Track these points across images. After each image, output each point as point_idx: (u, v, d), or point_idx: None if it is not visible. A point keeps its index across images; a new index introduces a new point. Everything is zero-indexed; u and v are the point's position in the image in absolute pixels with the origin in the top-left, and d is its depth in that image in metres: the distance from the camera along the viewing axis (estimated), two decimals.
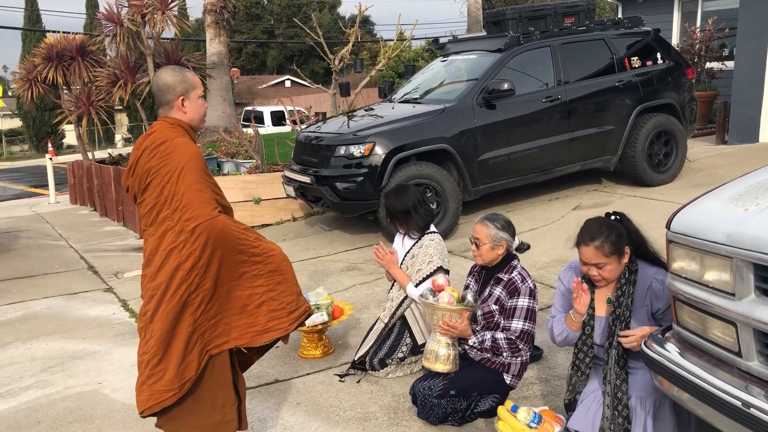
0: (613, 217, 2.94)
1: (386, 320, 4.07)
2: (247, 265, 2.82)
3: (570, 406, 3.06)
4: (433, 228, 4.06)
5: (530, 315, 3.34)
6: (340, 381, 4.03)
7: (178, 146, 2.76)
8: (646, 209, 6.88)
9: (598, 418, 2.84)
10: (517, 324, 3.31)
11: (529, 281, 3.39)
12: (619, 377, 2.82)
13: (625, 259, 2.86)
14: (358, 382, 3.99)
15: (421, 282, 3.86)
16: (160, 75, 2.89)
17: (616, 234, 2.84)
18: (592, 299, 2.95)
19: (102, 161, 11.93)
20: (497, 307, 3.38)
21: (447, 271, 3.91)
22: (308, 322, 4.26)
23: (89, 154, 12.94)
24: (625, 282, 2.87)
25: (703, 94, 11.19)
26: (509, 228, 3.46)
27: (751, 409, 2.01)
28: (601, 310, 2.96)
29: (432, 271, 3.86)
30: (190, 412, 2.80)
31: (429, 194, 6.65)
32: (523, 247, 3.58)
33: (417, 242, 4.02)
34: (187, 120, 2.89)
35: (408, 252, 4.03)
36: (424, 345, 3.92)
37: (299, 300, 2.96)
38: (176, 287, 2.69)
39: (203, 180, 2.76)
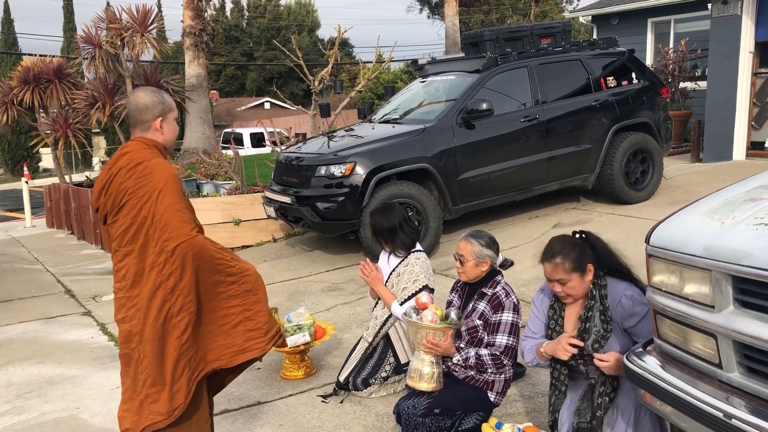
0: (577, 236, 2.97)
1: (370, 339, 4.05)
2: (223, 285, 2.83)
3: (554, 427, 3.06)
4: (418, 246, 4.07)
5: (514, 330, 3.35)
6: (323, 402, 3.99)
7: (157, 167, 2.77)
8: (624, 227, 6.95)
9: None
10: (502, 339, 3.31)
11: (513, 296, 3.40)
12: (604, 386, 2.82)
13: (589, 277, 2.88)
14: (341, 402, 3.96)
15: (406, 300, 3.86)
16: (138, 95, 2.90)
17: (577, 251, 2.87)
18: (562, 317, 2.98)
19: (79, 184, 11.82)
20: (481, 322, 3.38)
21: (432, 290, 3.91)
22: (290, 343, 4.24)
23: (66, 177, 12.82)
24: (591, 299, 2.89)
25: (678, 113, 11.40)
26: (493, 245, 3.48)
27: (733, 420, 2.02)
28: (572, 327, 2.97)
29: (418, 289, 3.86)
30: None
31: (410, 213, 6.67)
32: (507, 264, 3.60)
33: (403, 260, 4.02)
34: (162, 141, 2.91)
35: (394, 270, 4.03)
36: (407, 364, 3.91)
37: (272, 320, 2.99)
38: (159, 306, 2.70)
39: (182, 200, 2.78)
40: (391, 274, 4.04)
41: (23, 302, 6.93)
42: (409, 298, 3.86)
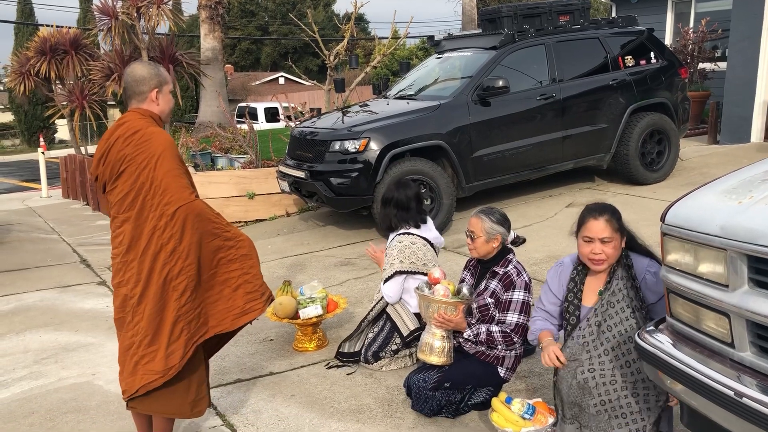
0: None
1: (369, 309, 4.18)
2: (222, 251, 2.96)
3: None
4: (408, 229, 4.09)
5: (525, 308, 3.36)
6: (326, 368, 4.09)
7: (154, 134, 2.88)
8: (638, 207, 6.92)
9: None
10: (512, 317, 3.33)
11: (525, 275, 3.41)
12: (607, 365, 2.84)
13: (623, 244, 2.91)
14: (349, 374, 4.00)
15: (386, 282, 3.98)
16: (135, 67, 3.01)
17: (619, 214, 2.91)
18: (581, 290, 2.98)
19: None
20: (493, 300, 3.40)
21: (408, 273, 3.96)
22: (303, 315, 4.28)
23: (82, 149, 12.89)
24: (612, 273, 2.90)
25: (696, 94, 11.25)
26: (505, 222, 3.48)
27: (744, 398, 2.03)
28: (590, 301, 2.99)
29: (391, 274, 3.97)
30: (171, 393, 2.92)
31: (423, 190, 6.67)
32: (519, 241, 3.60)
33: (391, 241, 4.13)
34: (158, 112, 3.02)
35: (386, 250, 4.17)
36: (410, 335, 3.96)
37: (264, 283, 3.11)
38: (160, 269, 2.82)
39: (180, 166, 2.90)
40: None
41: (40, 271, 7.02)
42: (386, 281, 3.98)
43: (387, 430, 3.36)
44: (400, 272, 3.95)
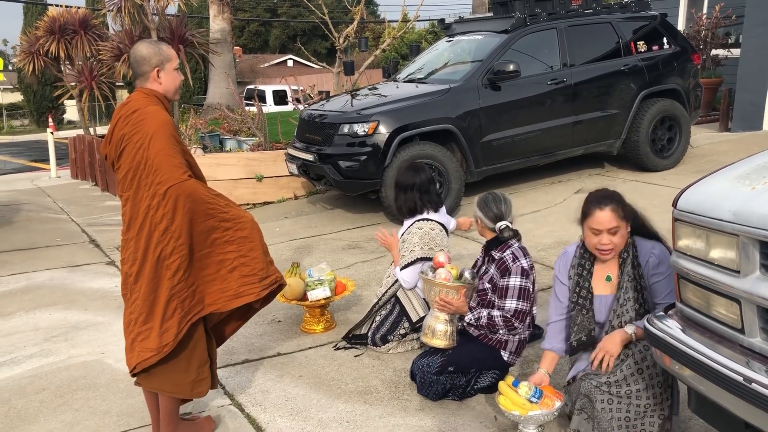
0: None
1: (379, 295, 4.16)
2: (218, 231, 2.94)
3: (578, 349, 3.07)
4: (426, 215, 4.05)
5: (524, 294, 3.30)
6: (334, 350, 4.10)
7: (149, 114, 2.88)
8: (648, 194, 6.89)
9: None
10: (511, 303, 3.30)
11: (522, 261, 3.32)
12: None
13: (628, 229, 2.90)
14: (356, 356, 4.01)
15: (404, 267, 3.94)
16: (136, 48, 3.00)
17: (623, 200, 2.90)
18: (591, 272, 2.98)
19: (103, 136, 11.89)
20: (490, 285, 3.39)
21: (428, 259, 3.90)
22: (311, 297, 4.30)
23: (90, 130, 12.90)
24: (624, 261, 2.90)
25: (708, 81, 11.14)
26: (485, 206, 3.42)
27: (753, 384, 2.03)
28: (600, 289, 2.98)
29: (412, 260, 3.93)
30: (169, 370, 2.94)
31: (432, 174, 6.64)
32: (506, 233, 3.43)
33: (408, 228, 4.08)
34: (162, 90, 3.01)
35: (401, 235, 4.12)
36: (419, 322, 3.96)
37: (269, 268, 3.07)
38: (153, 248, 2.83)
39: (173, 146, 2.88)
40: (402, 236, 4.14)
41: (49, 250, 7.06)
42: (406, 266, 3.93)
43: (394, 411, 3.38)
44: (421, 259, 3.93)
